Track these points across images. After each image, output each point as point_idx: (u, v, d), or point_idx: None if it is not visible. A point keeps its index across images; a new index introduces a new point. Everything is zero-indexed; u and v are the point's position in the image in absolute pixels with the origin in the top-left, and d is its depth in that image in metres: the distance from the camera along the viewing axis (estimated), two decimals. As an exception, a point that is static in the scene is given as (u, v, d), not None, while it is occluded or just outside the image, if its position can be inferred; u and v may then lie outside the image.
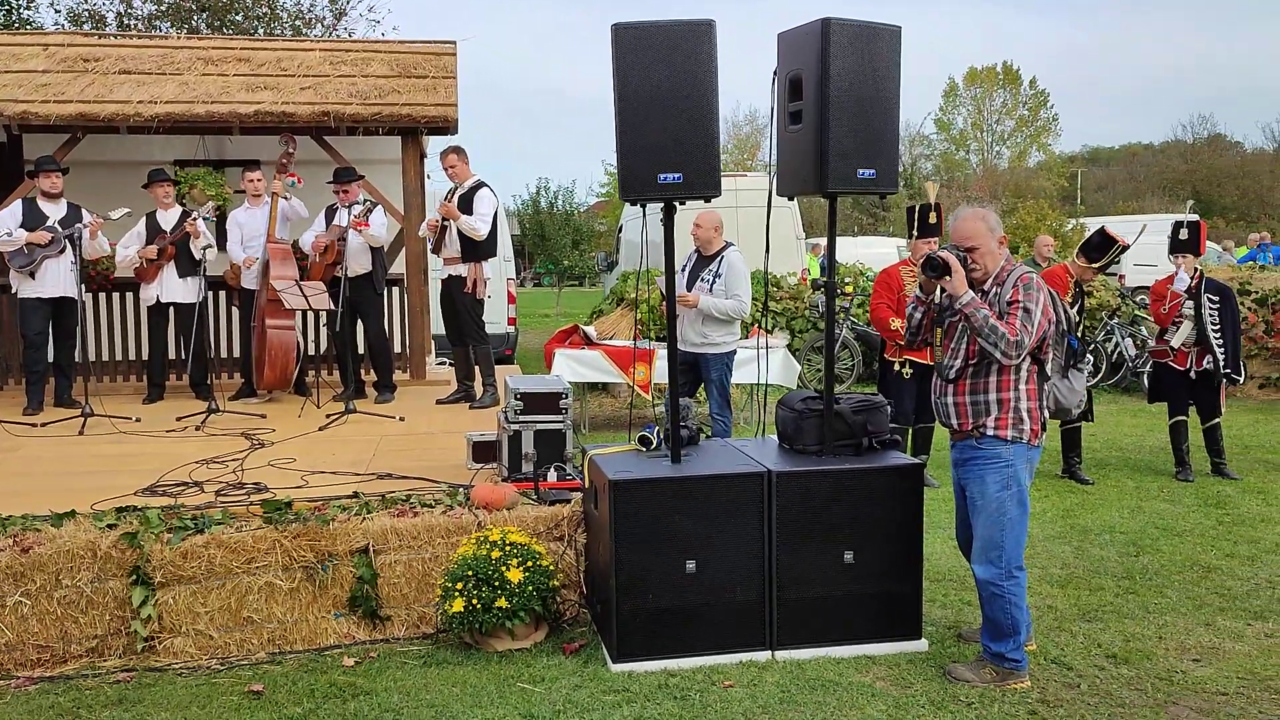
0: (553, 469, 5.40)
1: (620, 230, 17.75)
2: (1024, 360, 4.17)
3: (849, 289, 12.88)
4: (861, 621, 4.57)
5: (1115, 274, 23.43)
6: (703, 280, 7.00)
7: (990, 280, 4.24)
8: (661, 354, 8.80)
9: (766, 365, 5.93)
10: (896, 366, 7.46)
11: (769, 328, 12.15)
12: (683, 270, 7.14)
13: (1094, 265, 7.41)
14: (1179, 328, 7.78)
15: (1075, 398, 4.40)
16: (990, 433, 4.19)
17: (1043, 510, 6.95)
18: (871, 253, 22.30)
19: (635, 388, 9.41)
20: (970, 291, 4.15)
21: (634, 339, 9.82)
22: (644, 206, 4.64)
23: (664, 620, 4.42)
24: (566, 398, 5.54)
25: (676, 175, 4.35)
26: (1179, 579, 5.55)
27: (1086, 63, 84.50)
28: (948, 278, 4.17)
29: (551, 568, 4.69)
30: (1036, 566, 5.75)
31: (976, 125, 54.81)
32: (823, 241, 25.10)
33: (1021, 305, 4.10)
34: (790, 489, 4.50)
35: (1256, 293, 11.69)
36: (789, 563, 4.50)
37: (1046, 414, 4.32)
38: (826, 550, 4.53)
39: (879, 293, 7.67)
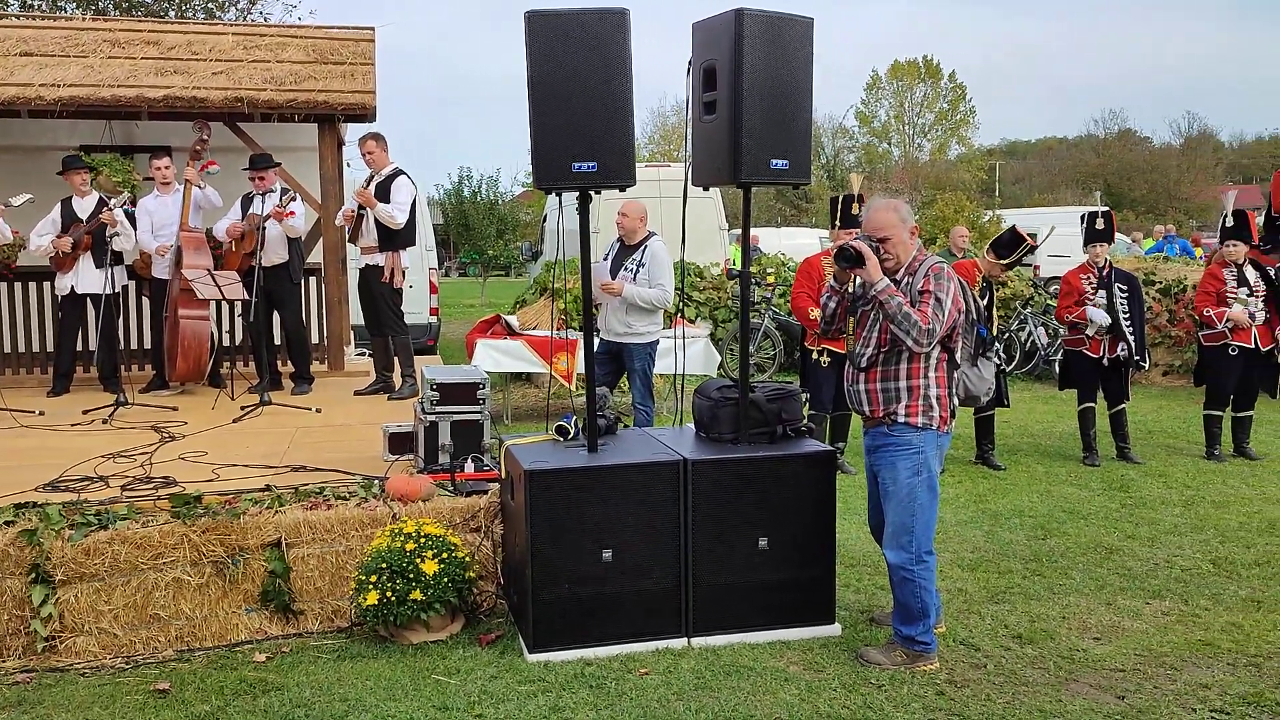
0: (470, 460, 5.37)
1: (544, 220, 17.69)
2: (934, 349, 4.25)
3: (770, 279, 13.00)
4: (776, 607, 4.63)
5: (1030, 264, 24.05)
6: (626, 269, 7.01)
7: (903, 270, 4.31)
8: (593, 344, 8.79)
9: (683, 354, 5.95)
10: (815, 355, 7.55)
11: (692, 317, 12.21)
12: (606, 259, 7.14)
13: (1003, 262, 7.59)
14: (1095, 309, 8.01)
15: (984, 385, 4.51)
16: (901, 420, 4.27)
17: (956, 495, 7.11)
18: (794, 243, 22.57)
19: (558, 377, 9.38)
20: (885, 279, 4.21)
21: (554, 329, 9.79)
22: (560, 195, 4.62)
23: (580, 609, 4.43)
24: (484, 388, 5.50)
25: (591, 164, 4.34)
26: (1083, 560, 5.72)
27: (1005, 58, 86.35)
28: (862, 267, 4.23)
29: (467, 559, 4.66)
30: (948, 551, 5.88)
31: (898, 118, 55.67)
32: (760, 231, 25.35)
33: (933, 295, 4.17)
34: (705, 477, 4.53)
35: (1161, 283, 12.08)
36: (704, 550, 4.54)
37: (956, 401, 4.41)
38: (741, 537, 4.57)
39: (799, 282, 7.76)
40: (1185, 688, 4.12)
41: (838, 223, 7.50)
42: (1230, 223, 8.30)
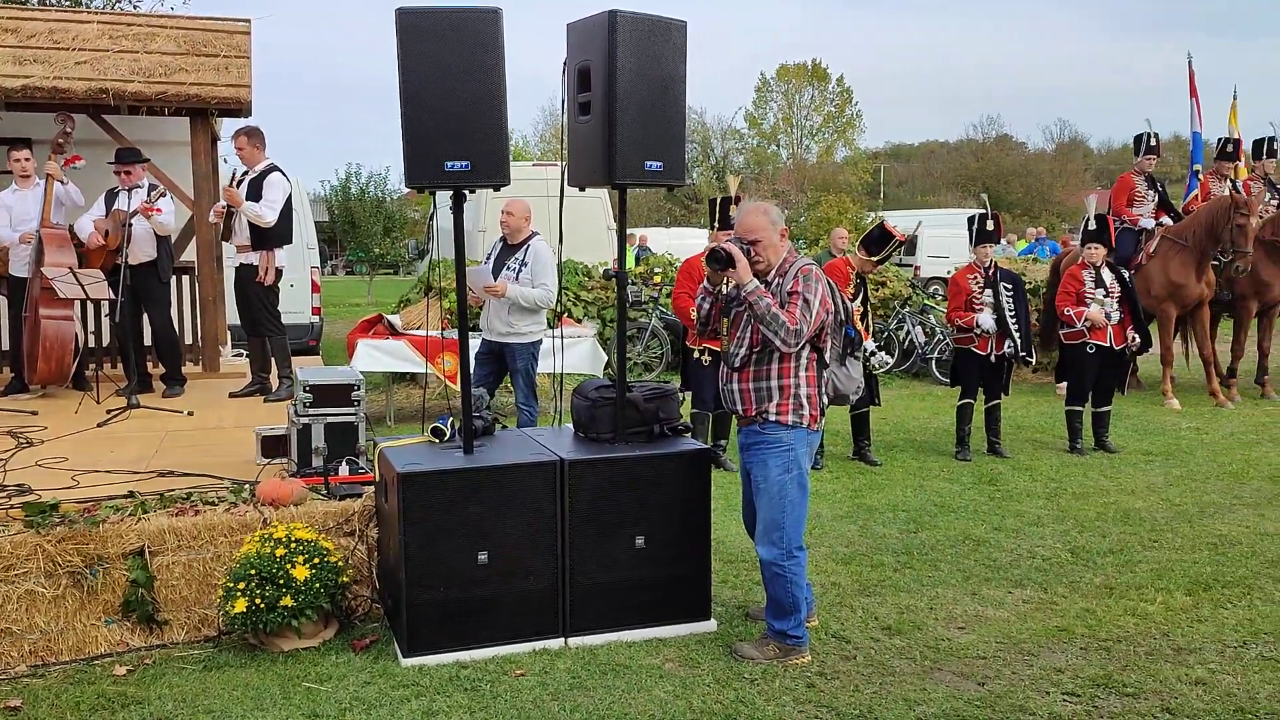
0: (344, 463, 5.28)
1: (431, 218, 17.47)
2: (803, 349, 4.34)
3: (657, 279, 13.09)
4: (653, 605, 4.67)
5: (910, 265, 24.75)
6: (509, 269, 6.97)
7: (774, 271, 4.39)
8: (469, 344, 8.72)
9: (565, 354, 5.95)
10: (697, 354, 7.63)
11: (579, 317, 12.21)
12: (488, 259, 7.09)
13: (873, 259, 7.79)
14: (980, 315, 8.27)
15: (853, 384, 4.60)
16: (772, 418, 4.35)
17: (833, 491, 7.27)
18: (684, 243, 22.75)
19: (442, 378, 9.28)
20: (755, 280, 4.28)
21: (440, 329, 9.68)
22: (434, 194, 4.58)
23: (456, 612, 4.39)
24: (359, 389, 5.41)
25: (464, 163, 4.30)
26: (951, 552, 5.91)
27: (891, 63, 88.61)
28: (733, 269, 4.29)
29: (341, 564, 4.58)
30: (824, 545, 6.02)
31: (787, 120, 56.56)
32: (639, 231, 25.47)
33: (801, 296, 4.26)
34: (583, 477, 4.54)
35: (1030, 283, 12.54)
36: (582, 550, 4.55)
37: (825, 400, 4.51)
38: (619, 536, 4.60)
39: (681, 282, 7.83)
40: (1041, 672, 4.30)
41: (716, 224, 7.60)
42: (1093, 226, 8.68)
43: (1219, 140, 11.79)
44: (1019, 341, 8.23)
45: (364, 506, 4.89)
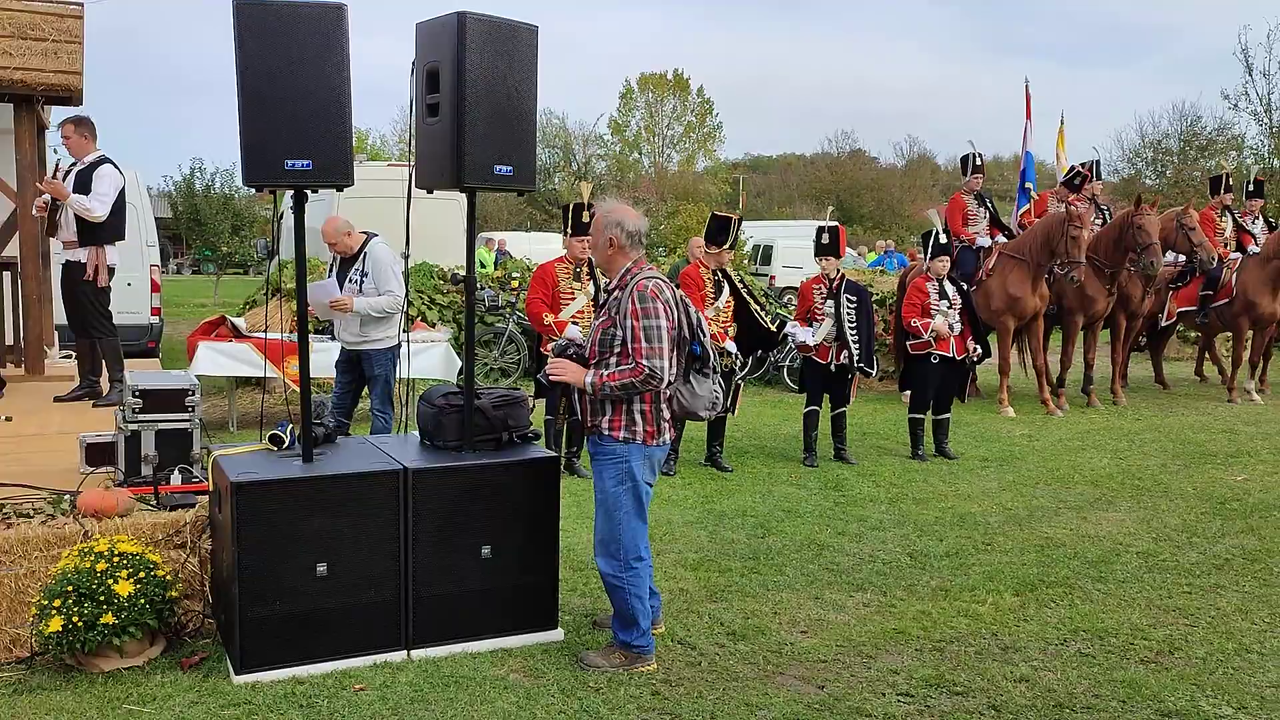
0: (177, 471, 5.03)
1: (280, 217, 16.92)
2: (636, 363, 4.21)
3: (515, 283, 12.99)
4: (500, 615, 4.61)
5: (766, 275, 25.26)
6: (351, 281, 6.80)
7: (614, 282, 4.38)
8: (319, 347, 8.46)
9: (413, 359, 5.84)
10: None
11: (433, 321, 12.02)
12: (330, 271, 6.90)
13: (725, 247, 7.90)
14: (821, 325, 8.47)
15: (700, 402, 4.41)
16: (605, 431, 4.33)
17: (684, 497, 7.34)
18: (546, 248, 22.65)
19: (289, 382, 8.97)
20: (590, 376, 4.26)
21: (288, 331, 9.36)
22: (275, 194, 4.42)
23: (293, 626, 4.24)
24: (194, 394, 5.17)
25: (305, 162, 4.16)
26: (797, 557, 6.03)
27: (751, 76, 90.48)
28: (567, 386, 4.40)
29: (169, 578, 4.36)
30: (674, 551, 6.06)
31: (649, 129, 57.04)
32: (499, 235, 25.26)
33: (641, 327, 4.16)
34: (428, 486, 4.45)
35: (878, 295, 12.97)
36: (426, 560, 4.45)
37: (667, 415, 4.40)
38: (464, 546, 4.52)
39: (535, 288, 7.78)
40: (878, 674, 4.42)
41: (569, 230, 7.59)
42: (942, 240, 9.02)
43: (1070, 169, 12.39)
44: (857, 354, 8.47)
45: (197, 517, 4.67)
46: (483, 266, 18.27)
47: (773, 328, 8.25)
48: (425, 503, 4.43)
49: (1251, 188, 12.96)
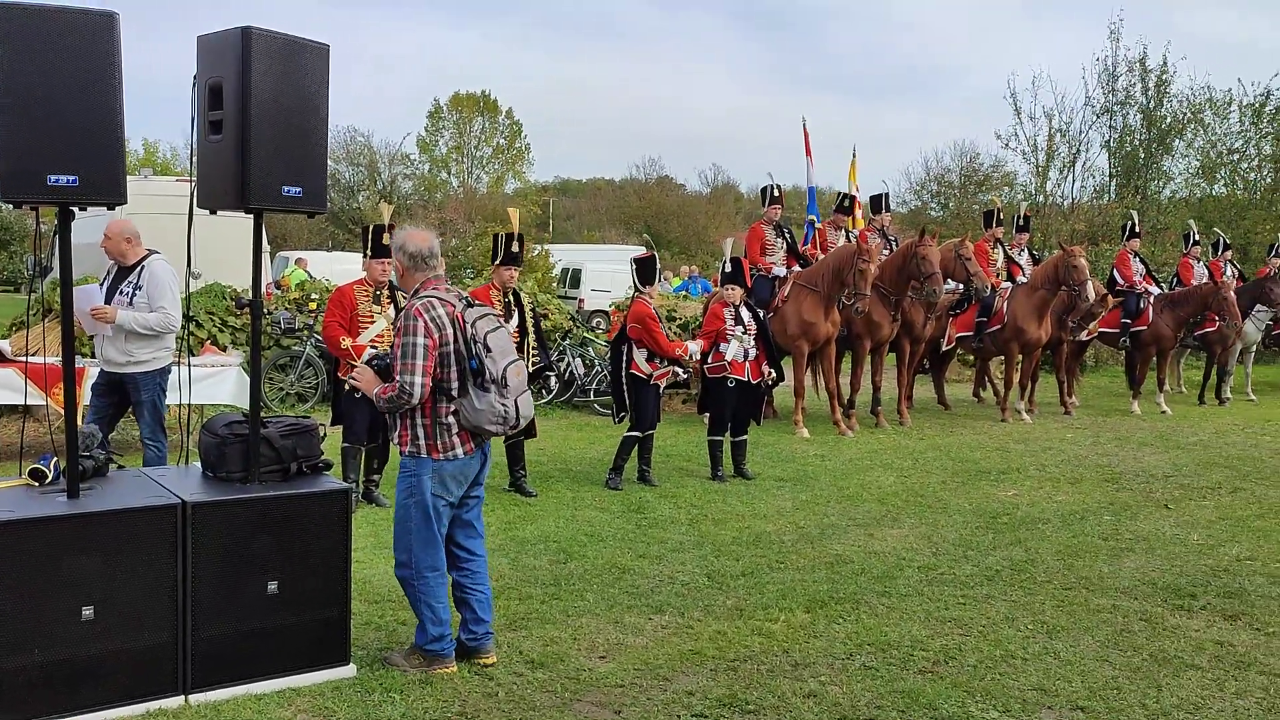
0: (-79, 510, 4.58)
1: (55, 233, 15.79)
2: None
3: (313, 305, 12.58)
4: (288, 653, 4.43)
5: (575, 298, 25.42)
6: (122, 293, 6.41)
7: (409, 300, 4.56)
8: (93, 373, 7.92)
9: (190, 386, 5.55)
10: (348, 386, 7.37)
11: (225, 344, 11.48)
12: (102, 283, 6.49)
13: (513, 265, 7.97)
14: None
15: (483, 416, 4.45)
16: (395, 445, 4.58)
17: (486, 524, 7.18)
18: (347, 269, 22.03)
19: (57, 409, 8.35)
20: (378, 386, 4.49)
21: (59, 355, 8.74)
22: (36, 210, 4.12)
23: (56, 676, 3.93)
24: (-57, 426, 4.75)
25: (71, 178, 3.90)
26: (598, 581, 6.06)
27: (561, 100, 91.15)
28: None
29: (-91, 629, 3.96)
30: (474, 580, 5.97)
31: (458, 149, 56.54)
32: (300, 254, 24.39)
33: (400, 344, 4.38)
34: (209, 521, 4.24)
35: (680, 319, 13.26)
36: (207, 599, 4.23)
37: (456, 429, 4.50)
38: (249, 582, 4.33)
39: (332, 311, 7.57)
40: (674, 696, 4.49)
41: (369, 251, 7.43)
42: (729, 269, 9.32)
43: (839, 195, 13.11)
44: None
45: (-57, 561, 4.26)
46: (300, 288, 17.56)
47: (535, 360, 8.28)
48: (206, 538, 4.22)
49: (1021, 222, 14.06)
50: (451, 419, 4.47)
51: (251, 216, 4.54)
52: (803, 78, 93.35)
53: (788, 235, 12.50)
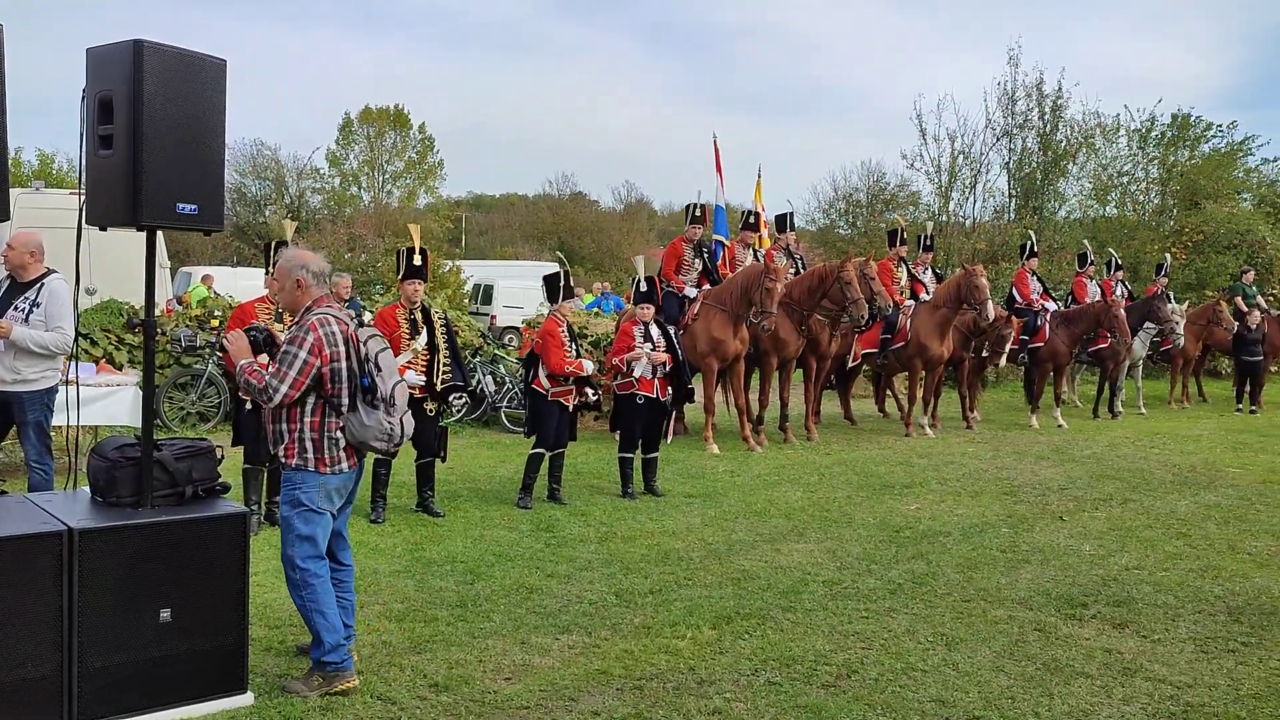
0: None
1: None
2: (309, 395, 4.51)
3: (215, 322, 12.28)
4: (182, 682, 4.31)
5: (487, 315, 25.27)
6: (17, 310, 6.18)
7: (298, 319, 4.61)
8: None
9: (78, 406, 5.36)
10: (249, 405, 7.22)
11: (121, 363, 11.14)
12: (-4, 293, 6.26)
13: (416, 279, 8.07)
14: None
15: (369, 432, 4.58)
16: (282, 458, 4.62)
17: (392, 545, 7.16)
18: (253, 284, 21.55)
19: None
20: (244, 361, 4.59)
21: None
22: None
23: (-71, 714, 3.77)
24: None
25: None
26: (505, 602, 6.02)
27: (474, 116, 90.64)
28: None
29: None
30: (378, 603, 5.89)
31: (369, 163, 55.80)
32: (205, 270, 23.79)
33: (283, 351, 4.49)
34: (97, 548, 4.10)
35: (592, 336, 13.27)
36: (96, 629, 4.09)
37: (343, 443, 4.61)
38: (141, 611, 4.20)
39: (233, 328, 7.38)
40: (580, 717, 4.48)
41: (270, 269, 7.28)
42: (643, 287, 9.38)
43: (744, 212, 13.29)
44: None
45: None
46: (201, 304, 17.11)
47: (446, 378, 8.20)
48: (94, 567, 4.09)
49: (927, 242, 14.43)
50: (339, 434, 4.58)
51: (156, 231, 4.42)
52: (712, 96, 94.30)
53: (705, 256, 12.59)
